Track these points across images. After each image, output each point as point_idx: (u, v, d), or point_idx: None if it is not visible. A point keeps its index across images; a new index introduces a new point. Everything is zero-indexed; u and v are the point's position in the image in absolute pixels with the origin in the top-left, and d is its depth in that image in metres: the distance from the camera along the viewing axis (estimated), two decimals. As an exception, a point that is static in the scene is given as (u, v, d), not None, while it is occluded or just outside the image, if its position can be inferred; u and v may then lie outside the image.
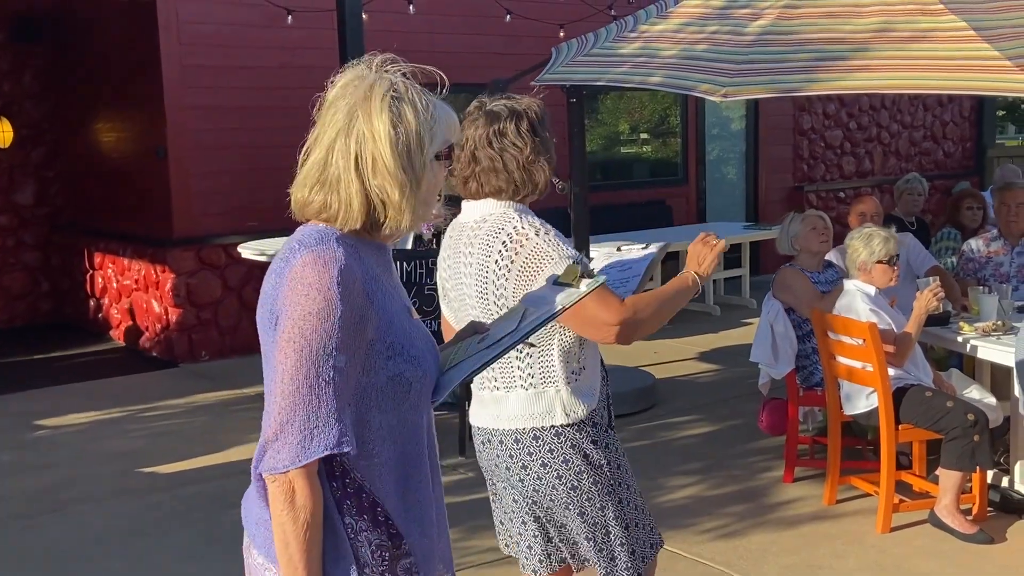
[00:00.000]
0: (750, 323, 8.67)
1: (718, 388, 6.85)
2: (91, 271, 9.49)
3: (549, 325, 2.44)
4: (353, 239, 1.76)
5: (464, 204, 2.68)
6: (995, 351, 4.43)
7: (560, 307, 1.95)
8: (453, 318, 2.73)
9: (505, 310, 2.48)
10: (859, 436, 5.06)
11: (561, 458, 2.54)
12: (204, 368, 7.95)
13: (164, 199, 8.08)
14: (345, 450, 1.67)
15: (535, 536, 2.67)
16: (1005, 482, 4.59)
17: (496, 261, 2.49)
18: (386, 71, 1.77)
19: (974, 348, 4.52)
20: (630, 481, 2.65)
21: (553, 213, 8.19)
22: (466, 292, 2.59)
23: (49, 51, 9.77)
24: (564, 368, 2.55)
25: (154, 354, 8.44)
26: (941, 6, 4.70)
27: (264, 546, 1.81)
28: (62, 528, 4.75)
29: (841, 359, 4.50)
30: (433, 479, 1.87)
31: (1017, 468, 4.53)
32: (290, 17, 8.09)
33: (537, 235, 2.48)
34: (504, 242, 2.48)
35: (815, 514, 4.57)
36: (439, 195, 1.85)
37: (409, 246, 5.97)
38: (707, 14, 5.27)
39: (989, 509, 4.45)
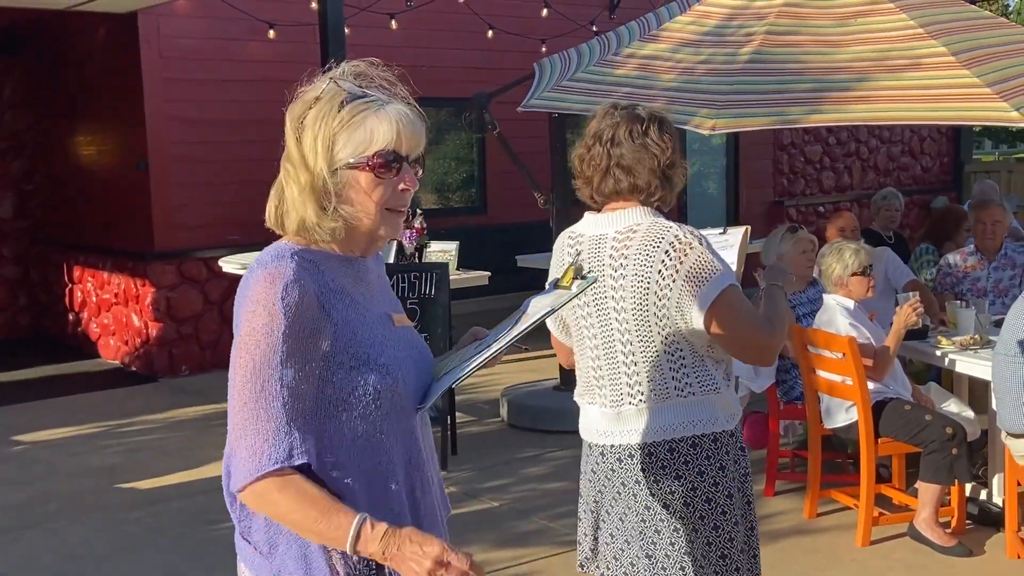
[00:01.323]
0: (731, 337, 8.69)
1: (699, 402, 6.86)
2: (70, 285, 9.43)
3: (707, 339, 2.47)
4: (316, 253, 1.75)
5: (591, 216, 2.63)
6: (973, 365, 4.47)
7: (549, 309, 1.92)
8: (570, 335, 2.70)
9: (666, 320, 2.47)
10: (839, 449, 5.09)
11: (718, 464, 2.52)
12: (184, 383, 7.90)
13: (145, 212, 8.05)
14: (297, 463, 1.66)
15: (646, 556, 2.54)
16: (983, 495, 4.62)
17: (659, 271, 2.44)
18: (332, 76, 1.76)
19: (952, 362, 4.56)
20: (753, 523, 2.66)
21: (536, 227, 8.15)
22: (612, 306, 2.53)
23: (30, 64, 9.73)
24: (721, 376, 2.55)
25: (134, 369, 8.39)
26: (922, 30, 4.75)
27: (248, 559, 1.81)
28: (40, 543, 4.71)
29: (821, 373, 4.53)
30: (422, 487, 1.84)
31: (995, 481, 4.56)
32: (272, 31, 8.11)
33: (700, 244, 2.45)
34: (667, 251, 2.44)
35: (795, 527, 4.59)
36: (395, 208, 1.77)
37: (391, 260, 5.97)
38: (697, 40, 5.27)
39: (968, 522, 4.47)
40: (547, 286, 2.19)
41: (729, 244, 2.86)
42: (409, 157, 1.75)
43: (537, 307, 1.95)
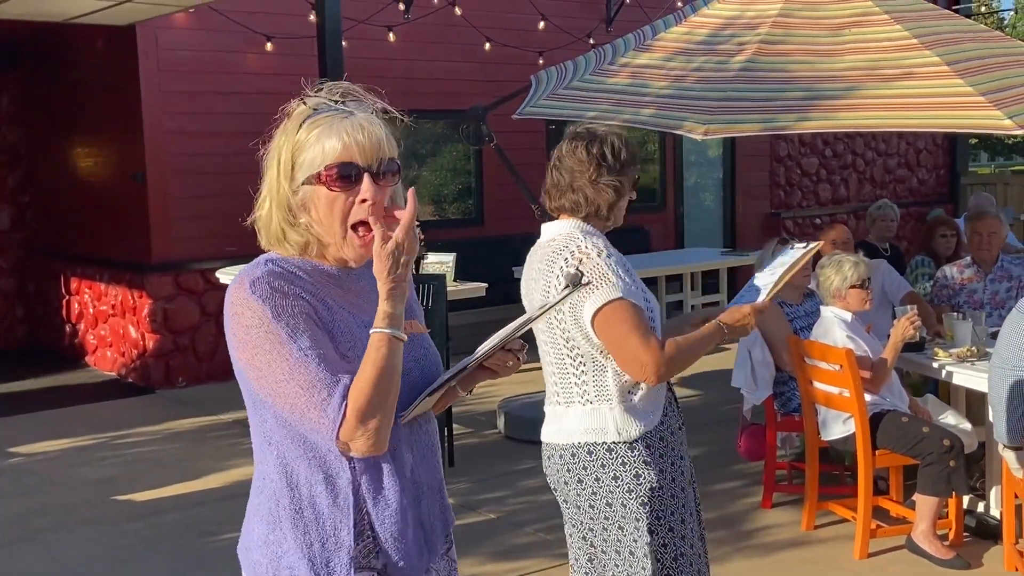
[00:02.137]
0: (728, 348, 8.69)
1: (696, 413, 6.85)
2: (67, 296, 9.42)
3: (603, 347, 2.53)
4: (294, 262, 1.78)
5: (543, 227, 2.78)
6: (970, 377, 4.47)
7: (526, 317, 1.92)
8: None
9: (564, 325, 2.58)
10: (836, 462, 5.08)
11: (611, 474, 2.56)
12: (181, 394, 7.89)
13: (142, 224, 8.05)
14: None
15: (583, 553, 2.68)
16: (981, 507, 4.62)
17: (557, 276, 2.57)
18: (304, 95, 1.80)
19: (949, 374, 4.56)
20: (678, 524, 2.61)
21: (533, 238, 8.20)
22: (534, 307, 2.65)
23: (27, 76, 9.75)
24: (617, 387, 2.58)
25: (130, 380, 8.38)
26: (916, 41, 4.76)
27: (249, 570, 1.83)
28: (35, 556, 4.69)
29: (818, 385, 4.53)
30: (418, 494, 1.82)
31: (992, 493, 4.56)
32: (270, 44, 8.13)
33: (599, 256, 2.54)
34: (566, 258, 2.56)
35: (793, 540, 4.58)
36: (354, 224, 1.75)
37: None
38: (690, 48, 5.29)
39: (965, 534, 4.47)
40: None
41: (786, 262, 2.83)
42: (373, 167, 1.73)
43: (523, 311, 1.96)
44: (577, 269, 2.55)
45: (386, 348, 1.67)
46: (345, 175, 1.72)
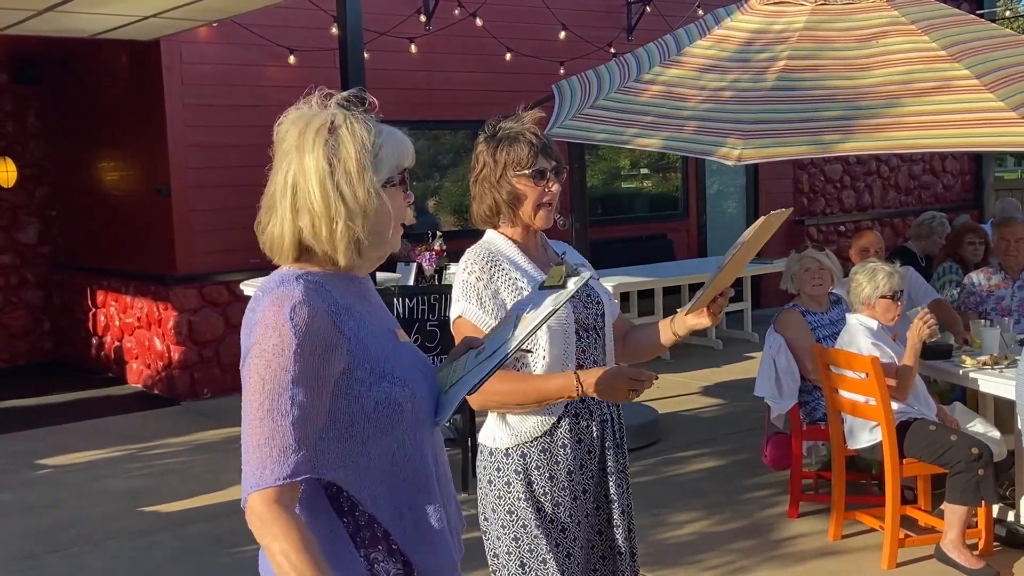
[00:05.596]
0: (753, 357, 8.66)
1: (721, 422, 6.83)
2: (93, 309, 9.50)
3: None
4: (318, 275, 1.77)
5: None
6: (998, 384, 4.43)
7: (551, 308, 1.92)
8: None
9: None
10: (863, 470, 5.04)
11: (487, 479, 2.56)
12: (206, 406, 7.94)
13: (167, 237, 8.12)
14: (299, 478, 1.67)
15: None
16: (1011, 516, 4.57)
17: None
18: (326, 104, 1.82)
19: (977, 381, 4.52)
20: (547, 546, 2.50)
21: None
22: None
23: (52, 92, 9.86)
24: None
25: (156, 392, 8.43)
26: (944, 52, 4.71)
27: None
28: (63, 568, 4.72)
29: (844, 393, 4.49)
30: (444, 500, 1.86)
31: (1022, 502, 4.51)
32: (292, 57, 8.19)
33: (465, 270, 2.55)
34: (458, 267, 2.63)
35: (820, 549, 4.54)
36: (401, 223, 1.83)
37: (411, 282, 5.98)
38: (721, 65, 5.20)
39: (995, 543, 4.42)
40: (532, 289, 2.30)
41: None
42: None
43: (532, 308, 1.95)
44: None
45: None
46: (404, 177, 1.84)
